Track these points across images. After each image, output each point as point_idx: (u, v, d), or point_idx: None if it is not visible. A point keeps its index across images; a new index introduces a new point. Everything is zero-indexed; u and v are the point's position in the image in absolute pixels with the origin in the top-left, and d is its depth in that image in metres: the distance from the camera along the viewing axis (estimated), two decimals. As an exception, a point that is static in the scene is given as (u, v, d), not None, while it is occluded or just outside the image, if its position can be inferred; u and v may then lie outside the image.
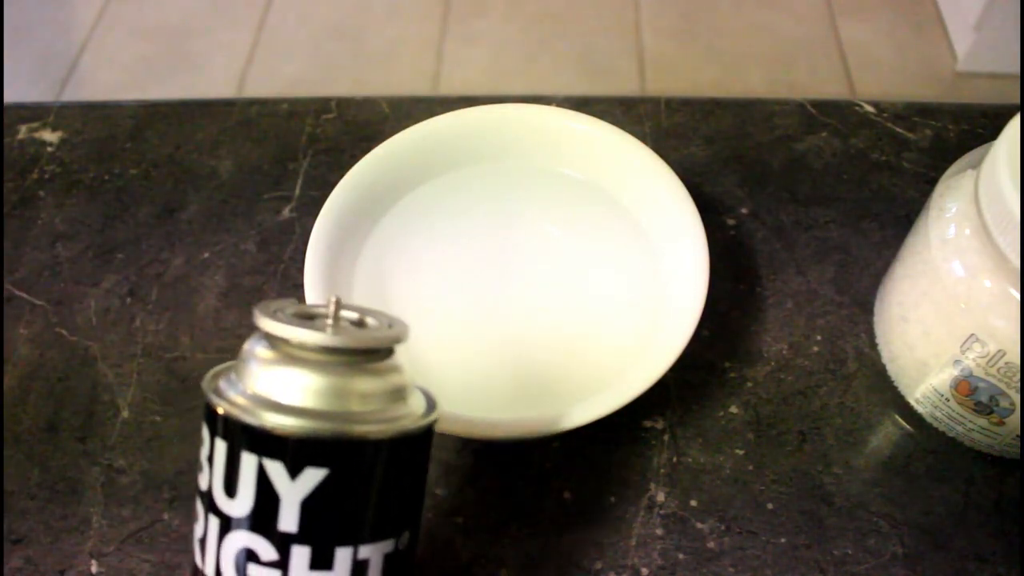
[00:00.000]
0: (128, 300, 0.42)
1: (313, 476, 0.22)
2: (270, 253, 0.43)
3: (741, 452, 0.36)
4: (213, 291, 0.42)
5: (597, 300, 0.38)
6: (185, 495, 0.36)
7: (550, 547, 0.34)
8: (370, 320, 0.26)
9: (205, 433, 0.23)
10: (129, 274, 0.43)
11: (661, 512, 0.34)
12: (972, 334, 0.30)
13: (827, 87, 1.39)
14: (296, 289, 0.41)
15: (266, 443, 0.22)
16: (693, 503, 0.35)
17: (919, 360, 0.34)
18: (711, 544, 0.34)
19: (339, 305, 0.24)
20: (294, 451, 0.22)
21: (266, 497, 0.22)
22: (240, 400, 0.22)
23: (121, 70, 1.48)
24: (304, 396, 0.22)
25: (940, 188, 0.33)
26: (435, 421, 0.25)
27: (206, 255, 0.43)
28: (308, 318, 0.24)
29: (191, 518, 0.35)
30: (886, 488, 0.35)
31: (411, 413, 0.24)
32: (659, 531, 0.34)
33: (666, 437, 0.36)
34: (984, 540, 0.33)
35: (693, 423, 0.37)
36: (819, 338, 0.39)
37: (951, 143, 0.45)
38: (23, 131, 0.49)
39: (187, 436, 0.37)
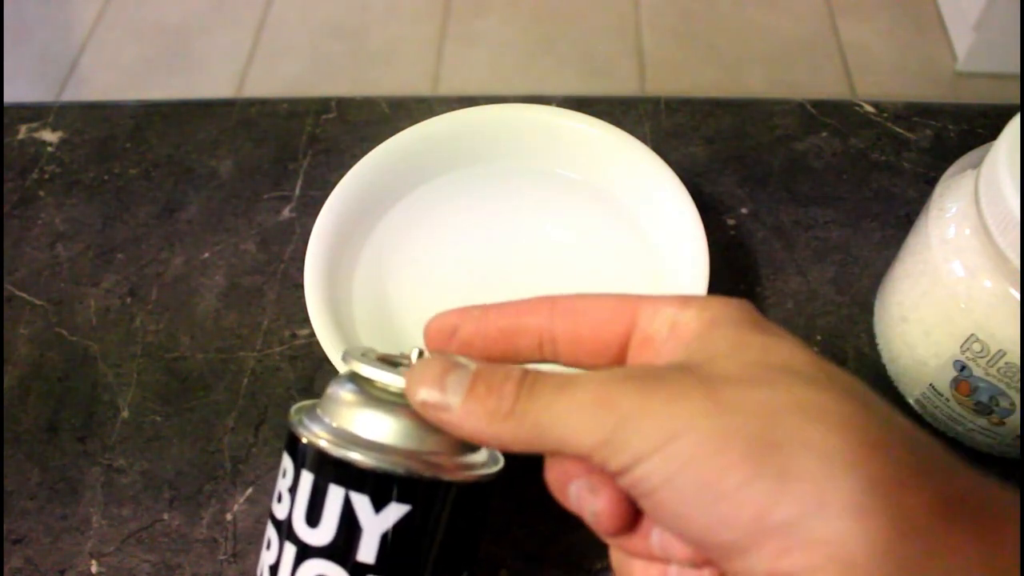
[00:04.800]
0: (128, 300, 0.42)
1: (396, 511, 0.23)
2: (270, 253, 0.43)
3: (741, 452, 0.36)
4: (213, 291, 0.42)
5: (597, 300, 0.38)
6: (185, 495, 0.36)
7: (550, 547, 0.34)
8: None
9: (289, 465, 0.25)
10: (129, 274, 0.43)
11: (661, 512, 0.34)
12: (972, 334, 0.30)
13: (827, 87, 1.39)
14: (296, 289, 0.41)
15: (354, 477, 0.23)
16: (693, 503, 0.35)
17: (919, 360, 0.34)
18: (711, 544, 0.34)
19: (422, 355, 0.25)
20: (380, 486, 0.23)
21: (349, 528, 0.23)
22: (329, 435, 0.24)
23: (121, 70, 1.48)
24: (390, 435, 0.23)
25: (940, 188, 0.33)
26: (502, 471, 0.26)
27: (206, 255, 0.43)
28: (391, 364, 0.25)
29: (191, 518, 0.35)
30: (886, 488, 0.35)
31: (485, 460, 0.25)
32: (659, 531, 0.34)
33: (666, 437, 0.36)
34: (984, 540, 0.33)
35: (693, 423, 0.37)
36: (819, 338, 0.39)
37: (951, 143, 0.45)
38: (23, 131, 0.49)
39: (187, 436, 0.37)
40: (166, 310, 0.41)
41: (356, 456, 0.23)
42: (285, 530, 0.24)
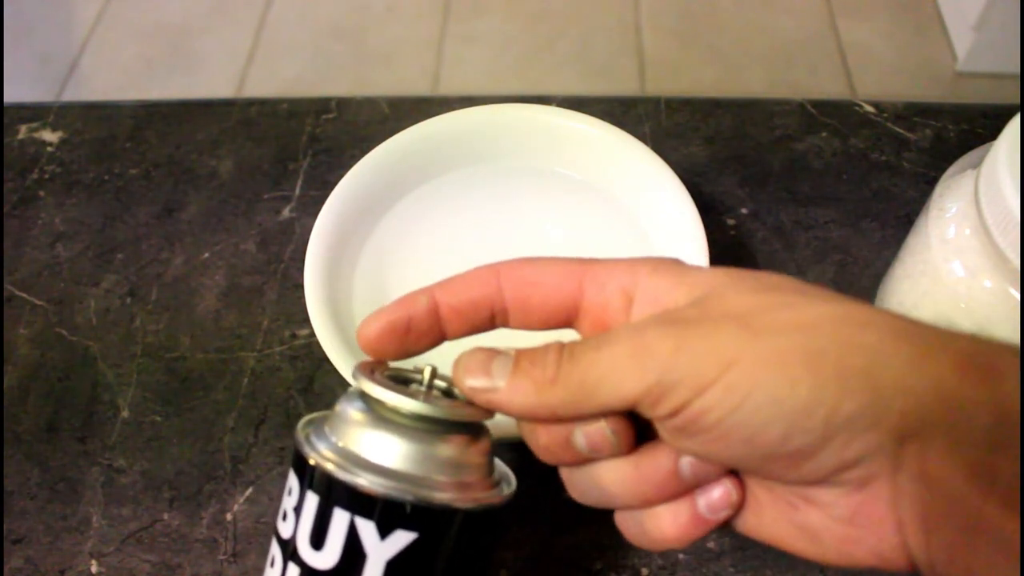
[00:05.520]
0: (128, 300, 0.42)
1: (402, 538, 0.23)
2: (270, 253, 0.43)
3: (741, 452, 0.36)
4: (213, 291, 0.42)
5: (597, 300, 0.38)
6: (185, 495, 0.36)
7: (550, 547, 0.34)
8: (457, 390, 0.26)
9: (295, 484, 0.24)
10: (129, 274, 0.43)
11: (661, 512, 0.34)
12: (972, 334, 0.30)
13: (827, 87, 1.39)
14: (296, 289, 0.41)
15: (360, 502, 0.22)
16: (693, 503, 0.35)
17: (919, 360, 0.34)
18: (711, 544, 0.34)
19: (435, 374, 0.25)
20: (386, 512, 0.22)
21: (353, 554, 0.23)
22: (336, 457, 0.23)
23: (121, 70, 1.48)
24: (399, 459, 0.23)
25: (940, 188, 0.33)
26: (513, 495, 0.26)
27: (206, 255, 0.43)
28: (402, 381, 0.25)
29: (191, 518, 0.35)
30: (886, 488, 0.35)
31: (493, 486, 0.25)
32: (659, 531, 0.34)
33: (666, 437, 0.36)
34: (984, 540, 0.33)
35: (693, 423, 0.37)
36: (819, 338, 0.39)
37: (951, 143, 0.45)
38: (23, 131, 0.49)
39: (187, 436, 0.37)
40: (166, 310, 0.41)
41: (363, 482, 0.22)
42: (289, 550, 0.24)
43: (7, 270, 0.43)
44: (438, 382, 0.26)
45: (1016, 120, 0.28)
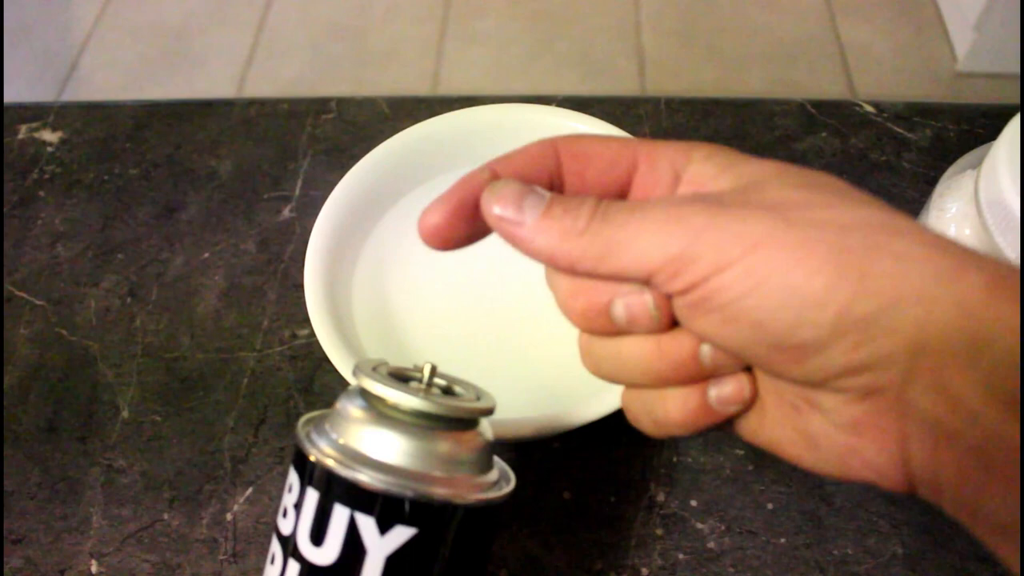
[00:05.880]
0: (128, 300, 0.42)
1: (402, 534, 0.23)
2: (270, 253, 0.43)
3: (741, 452, 0.36)
4: (213, 291, 0.42)
5: (597, 300, 0.38)
6: (185, 495, 0.36)
7: (550, 547, 0.34)
8: (458, 388, 0.26)
9: (295, 480, 0.24)
10: (129, 274, 0.43)
11: (661, 512, 0.34)
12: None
13: (827, 87, 1.39)
14: (296, 289, 0.41)
15: (360, 497, 0.23)
16: (693, 503, 0.35)
17: (919, 360, 0.34)
18: (711, 544, 0.34)
19: (434, 372, 0.25)
20: (386, 508, 0.23)
21: (353, 549, 0.23)
22: (336, 453, 0.23)
23: (121, 70, 1.48)
24: (399, 456, 0.23)
25: (940, 188, 0.33)
26: (512, 492, 0.26)
27: (206, 255, 0.43)
28: (402, 379, 0.25)
29: (191, 518, 0.35)
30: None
31: (492, 483, 0.25)
32: (659, 531, 0.34)
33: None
34: (984, 540, 0.33)
35: (693, 423, 0.37)
36: (819, 338, 0.39)
37: (951, 143, 0.45)
38: (23, 131, 0.49)
39: (187, 436, 0.37)
40: (166, 310, 0.41)
41: (363, 477, 0.22)
42: (290, 547, 0.24)
43: (7, 270, 0.43)
44: (438, 380, 0.26)
45: (1016, 120, 0.28)
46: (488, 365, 0.36)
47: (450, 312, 0.38)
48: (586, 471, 0.35)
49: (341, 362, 0.33)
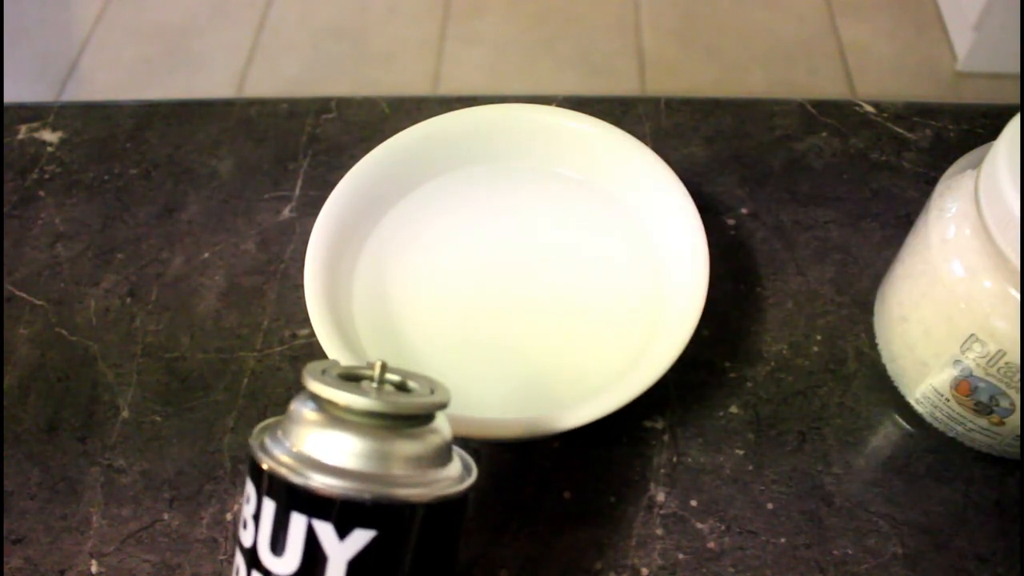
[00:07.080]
0: (128, 300, 0.42)
1: (361, 537, 0.22)
2: (270, 253, 0.43)
3: (741, 452, 0.36)
4: (213, 291, 0.42)
5: (597, 300, 0.38)
6: (185, 495, 0.36)
7: (550, 547, 0.34)
8: (412, 383, 0.26)
9: (252, 491, 0.24)
10: (129, 274, 0.43)
11: (661, 512, 0.34)
12: (972, 334, 0.30)
13: (827, 87, 1.39)
14: (296, 289, 0.41)
15: (316, 504, 0.22)
16: (693, 503, 0.35)
17: (919, 360, 0.34)
18: (711, 544, 0.34)
19: (385, 369, 0.24)
20: (344, 513, 0.22)
21: (314, 557, 0.22)
22: (289, 460, 0.23)
23: (121, 70, 1.48)
24: (354, 459, 0.23)
25: (940, 188, 0.33)
26: (474, 484, 0.25)
27: (206, 255, 0.43)
28: (354, 379, 0.25)
29: (191, 518, 0.35)
30: (886, 488, 0.35)
31: (453, 477, 0.25)
32: (659, 531, 0.34)
33: (666, 437, 0.36)
34: (984, 540, 0.33)
35: (693, 423, 0.37)
36: (819, 338, 0.39)
37: (951, 143, 0.45)
38: (23, 131, 0.49)
39: (187, 436, 0.37)
40: (166, 310, 0.41)
41: (316, 484, 0.22)
42: (252, 559, 0.24)
43: (7, 270, 0.43)
44: (391, 376, 0.25)
45: (1016, 120, 0.28)
46: (488, 365, 0.36)
47: (451, 312, 0.38)
48: (586, 471, 0.35)
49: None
